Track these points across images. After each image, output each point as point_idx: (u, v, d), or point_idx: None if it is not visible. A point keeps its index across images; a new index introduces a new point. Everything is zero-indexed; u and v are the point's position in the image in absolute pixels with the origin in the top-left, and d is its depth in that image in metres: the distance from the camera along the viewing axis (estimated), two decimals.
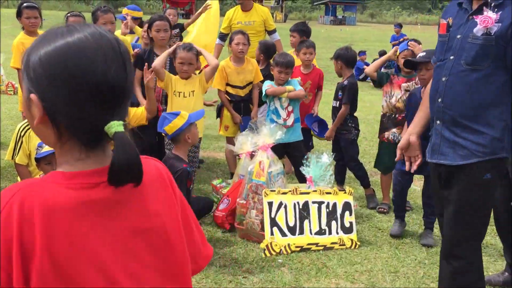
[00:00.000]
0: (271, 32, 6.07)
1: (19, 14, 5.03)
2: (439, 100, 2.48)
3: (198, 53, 4.38)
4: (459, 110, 2.41)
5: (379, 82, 4.63)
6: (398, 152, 2.80)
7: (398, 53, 4.56)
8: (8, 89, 9.97)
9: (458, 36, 2.43)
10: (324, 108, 8.08)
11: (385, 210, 4.57)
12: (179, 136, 3.64)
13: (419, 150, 2.72)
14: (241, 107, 5.02)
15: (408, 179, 4.19)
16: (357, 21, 53.39)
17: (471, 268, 2.53)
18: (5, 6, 48.46)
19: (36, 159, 3.51)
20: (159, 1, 55.31)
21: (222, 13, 6.57)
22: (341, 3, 55.73)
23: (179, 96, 4.31)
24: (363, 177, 4.82)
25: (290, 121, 4.55)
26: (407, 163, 2.79)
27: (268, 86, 4.57)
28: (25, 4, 5.05)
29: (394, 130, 4.46)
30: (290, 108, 4.54)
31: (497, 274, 3.41)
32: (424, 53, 3.91)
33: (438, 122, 2.51)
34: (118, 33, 5.75)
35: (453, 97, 2.43)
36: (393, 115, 4.50)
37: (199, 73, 4.56)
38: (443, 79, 2.46)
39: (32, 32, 5.09)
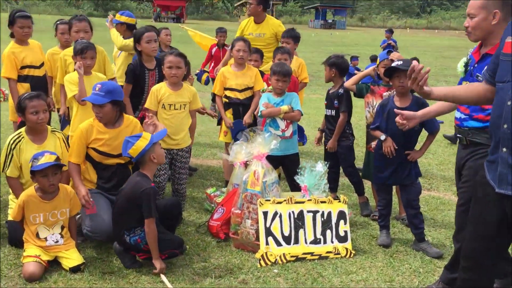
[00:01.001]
0: None
1: (11, 23, 5.00)
2: (505, 126, 2.31)
3: (187, 60, 4.38)
4: None
5: (359, 94, 4.73)
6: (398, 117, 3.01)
7: (378, 63, 4.66)
8: None
9: None
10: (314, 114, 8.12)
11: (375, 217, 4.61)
12: (144, 157, 3.55)
13: (414, 123, 3.00)
14: (240, 110, 5.03)
15: (389, 189, 4.24)
16: (347, 25, 53.79)
17: None
18: None
19: (32, 172, 3.47)
20: (149, 5, 55.32)
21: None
22: (331, 7, 56.09)
23: (169, 108, 4.30)
24: (358, 184, 4.85)
25: (288, 133, 4.53)
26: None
27: (264, 104, 4.53)
28: (18, 14, 5.02)
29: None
30: (288, 122, 4.53)
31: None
32: (401, 62, 3.97)
33: (504, 149, 2.33)
34: (115, 35, 5.71)
35: None
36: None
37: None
38: (508, 103, 2.30)
39: (23, 41, 5.08)
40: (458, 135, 3.21)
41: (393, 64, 3.99)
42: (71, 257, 3.49)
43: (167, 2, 47.68)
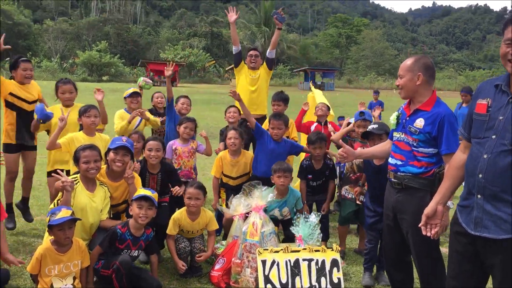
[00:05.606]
0: None
1: (14, 67, 5.44)
2: (480, 175, 2.60)
3: (205, 190, 4.69)
4: (502, 186, 2.52)
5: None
6: (423, 219, 3.03)
7: (354, 122, 5.37)
8: (2, 159, 10.21)
9: (501, 118, 2.56)
10: None
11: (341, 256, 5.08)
12: None
13: (440, 219, 2.98)
14: (232, 195, 5.32)
15: (378, 234, 4.59)
16: (335, 87, 55.37)
17: None
18: None
19: (49, 226, 3.76)
20: (142, 70, 56.93)
21: None
22: (319, 70, 57.99)
23: (187, 233, 4.71)
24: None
25: (288, 215, 4.99)
26: (423, 228, 3.03)
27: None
28: (22, 58, 5.53)
29: (346, 187, 5.19)
30: (289, 216, 4.96)
31: None
32: (376, 125, 4.48)
33: (479, 196, 2.62)
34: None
35: (495, 173, 2.54)
36: (348, 175, 5.20)
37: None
38: (485, 156, 2.59)
39: (23, 83, 5.50)
40: (393, 179, 3.60)
41: (368, 128, 4.48)
42: None
43: (160, 67, 48.97)
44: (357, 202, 4.97)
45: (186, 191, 4.63)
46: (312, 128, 6.27)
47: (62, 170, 4.18)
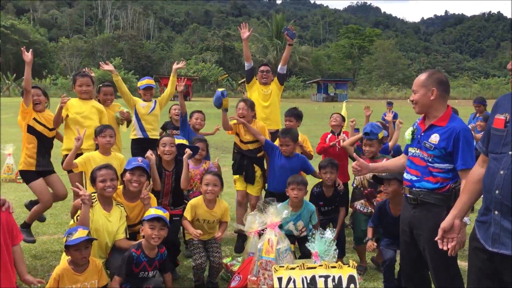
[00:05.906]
0: None
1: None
2: (497, 192, 2.57)
3: (222, 179, 4.80)
4: None
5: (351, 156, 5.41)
6: (439, 232, 3.01)
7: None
8: (18, 177, 10.37)
9: None
10: None
11: (361, 272, 5.05)
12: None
13: (457, 233, 2.96)
14: (244, 161, 5.71)
15: (394, 253, 4.54)
16: (349, 98, 55.28)
17: None
18: (6, 95, 50.11)
19: (66, 246, 3.79)
20: (156, 84, 57.53)
21: None
22: (332, 81, 58.04)
23: (203, 222, 4.76)
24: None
25: (303, 234, 4.98)
26: (439, 241, 3.01)
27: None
28: (33, 85, 5.55)
29: (362, 201, 5.17)
30: (304, 229, 4.95)
31: None
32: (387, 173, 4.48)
33: (496, 212, 2.59)
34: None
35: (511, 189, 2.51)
36: (361, 188, 5.20)
37: None
38: (501, 172, 2.56)
39: (38, 111, 5.54)
40: (408, 195, 3.57)
41: (382, 175, 4.51)
42: None
43: None
44: None
45: (204, 178, 4.74)
46: (327, 139, 6.28)
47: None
